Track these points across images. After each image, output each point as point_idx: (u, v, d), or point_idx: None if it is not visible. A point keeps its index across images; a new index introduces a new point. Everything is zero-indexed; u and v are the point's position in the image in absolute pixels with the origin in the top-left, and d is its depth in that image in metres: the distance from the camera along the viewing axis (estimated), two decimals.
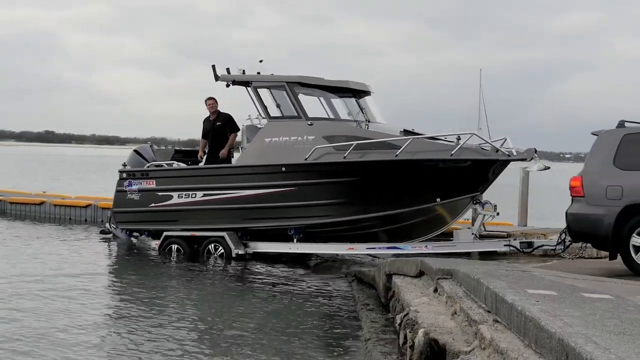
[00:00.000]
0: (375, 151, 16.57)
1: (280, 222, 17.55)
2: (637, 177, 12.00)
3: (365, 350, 9.83)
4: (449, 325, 7.99)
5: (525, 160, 16.46)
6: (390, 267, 12.28)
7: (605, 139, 12.65)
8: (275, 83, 17.88)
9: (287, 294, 13.93)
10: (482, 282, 8.01)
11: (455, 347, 7.18)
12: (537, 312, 6.26)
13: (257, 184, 17.52)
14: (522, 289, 7.68)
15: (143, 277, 15.51)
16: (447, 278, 9.77)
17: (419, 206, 16.82)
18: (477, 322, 7.29)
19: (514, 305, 6.63)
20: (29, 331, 10.52)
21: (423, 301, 9.48)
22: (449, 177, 16.38)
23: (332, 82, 18.28)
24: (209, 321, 11.66)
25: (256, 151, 17.79)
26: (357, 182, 16.73)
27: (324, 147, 16.82)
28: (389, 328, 10.75)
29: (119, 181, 19.19)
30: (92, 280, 14.82)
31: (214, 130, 18.77)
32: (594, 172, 12.59)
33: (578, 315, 6.41)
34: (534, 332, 5.98)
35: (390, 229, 17.49)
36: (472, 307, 8.00)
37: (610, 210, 12.03)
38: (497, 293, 7.31)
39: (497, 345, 6.41)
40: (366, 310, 12.26)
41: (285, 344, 10.28)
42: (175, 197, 18.37)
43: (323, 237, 17.63)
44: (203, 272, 16.22)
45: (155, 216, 18.76)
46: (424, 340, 7.61)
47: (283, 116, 17.80)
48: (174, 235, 18.34)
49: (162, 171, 19.01)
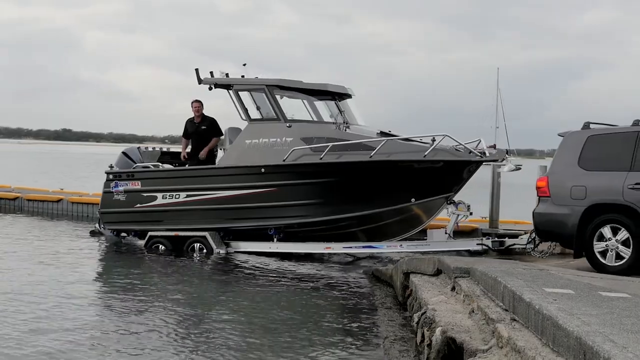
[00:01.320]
0: (350, 152, 16.88)
1: (260, 222, 17.95)
2: (601, 177, 12.41)
3: (382, 349, 9.86)
4: (466, 323, 8.01)
5: (497, 161, 16.88)
6: (407, 266, 12.31)
7: (571, 140, 13.10)
8: (255, 86, 18.23)
9: (305, 291, 13.96)
10: (500, 280, 8.03)
11: (473, 346, 7.20)
12: (555, 310, 6.28)
13: (238, 185, 17.92)
14: (540, 288, 7.69)
15: (184, 282, 15.57)
16: (464, 276, 9.79)
17: (394, 206, 17.21)
18: (495, 320, 7.31)
19: (532, 304, 6.65)
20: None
21: (440, 299, 9.50)
22: (423, 177, 16.69)
23: (311, 85, 18.64)
24: (230, 315, 11.70)
25: (237, 152, 18.19)
26: (334, 182, 17.10)
27: (301, 149, 17.18)
28: (406, 326, 10.78)
29: (106, 182, 19.65)
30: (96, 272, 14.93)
31: (198, 133, 19.18)
32: (560, 172, 13.05)
33: (595, 313, 6.42)
34: (552, 330, 5.99)
35: (368, 229, 17.87)
36: (490, 305, 8.02)
37: (575, 210, 12.50)
38: (514, 291, 7.32)
39: (514, 343, 6.42)
40: (383, 309, 12.29)
41: (303, 340, 10.31)
42: (159, 197, 18.80)
43: (303, 237, 17.98)
44: (218, 269, 16.25)
45: (140, 216, 19.17)
46: (442, 339, 7.63)
47: (263, 118, 18.11)
48: (158, 235, 18.76)
49: (147, 172, 19.43)
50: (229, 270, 16.14)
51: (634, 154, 12.18)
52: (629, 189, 11.95)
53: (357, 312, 12.36)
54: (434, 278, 11.16)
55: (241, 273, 15.85)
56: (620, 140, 12.54)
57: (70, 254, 17.68)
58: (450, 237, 17.23)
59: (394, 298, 13.07)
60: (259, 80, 18.30)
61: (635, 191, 11.89)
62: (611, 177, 12.27)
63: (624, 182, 12.02)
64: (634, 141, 12.25)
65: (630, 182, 11.97)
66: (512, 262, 12.78)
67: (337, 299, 13.36)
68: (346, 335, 10.69)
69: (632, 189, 11.92)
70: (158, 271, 16.03)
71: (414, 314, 10.08)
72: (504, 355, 6.59)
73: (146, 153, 20.75)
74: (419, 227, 17.95)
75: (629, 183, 11.98)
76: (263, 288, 14.33)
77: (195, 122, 19.21)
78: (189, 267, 16.57)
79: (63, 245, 19.06)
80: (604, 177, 12.39)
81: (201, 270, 16.33)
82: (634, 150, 12.20)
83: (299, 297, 13.45)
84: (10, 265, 15.77)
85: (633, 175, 12.02)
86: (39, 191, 28.67)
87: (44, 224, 23.61)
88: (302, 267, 16.61)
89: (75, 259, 16.99)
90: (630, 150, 12.23)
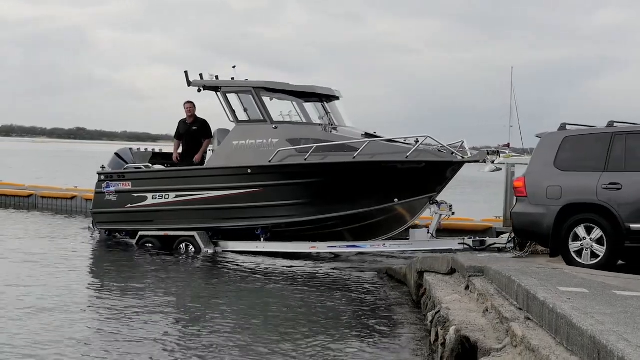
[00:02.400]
0: (334, 153, 17.10)
1: (247, 222, 18.15)
2: (575, 177, 12.66)
3: (396, 347, 9.89)
4: (480, 322, 8.02)
5: (479, 162, 17.19)
6: (421, 265, 12.33)
7: (548, 141, 13.34)
8: (243, 88, 18.44)
9: (319, 290, 13.99)
10: (514, 279, 8.04)
11: (487, 345, 7.22)
12: (569, 309, 6.28)
13: (226, 185, 18.14)
14: (554, 287, 7.70)
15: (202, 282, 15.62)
16: (478, 275, 9.81)
17: (378, 206, 17.40)
18: (509, 319, 7.32)
19: (546, 303, 6.66)
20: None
21: (454, 298, 9.52)
22: (406, 178, 16.87)
23: (298, 87, 18.93)
24: (243, 314, 11.74)
25: (225, 154, 18.44)
26: (318, 183, 17.32)
27: (287, 150, 17.42)
28: (420, 325, 10.80)
29: (98, 183, 19.94)
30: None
31: (189, 134, 19.41)
32: (536, 173, 13.27)
33: (609, 312, 6.43)
34: (566, 329, 6.01)
35: (353, 228, 18.05)
36: (504, 304, 8.03)
37: (550, 209, 12.72)
38: (528, 290, 7.33)
39: (528, 342, 6.44)
40: (398, 307, 12.32)
41: (316, 339, 10.34)
42: (150, 198, 19.06)
43: (290, 237, 18.15)
44: (233, 269, 16.29)
45: (131, 216, 19.42)
46: (456, 338, 7.65)
47: (250, 120, 18.31)
48: (148, 235, 19.01)
49: (138, 173, 19.72)
50: (239, 271, 16.17)
51: (608, 154, 12.44)
52: (602, 189, 12.20)
53: (371, 311, 12.38)
54: (448, 277, 11.18)
55: (251, 275, 15.88)
56: (595, 141, 12.81)
57: (69, 252, 17.84)
58: (432, 237, 17.44)
59: (408, 297, 13.09)
60: (246, 82, 18.55)
61: (608, 191, 12.15)
62: (586, 177, 12.52)
63: (597, 182, 12.27)
64: (609, 142, 12.51)
65: (604, 182, 12.22)
66: (526, 261, 12.80)
67: (351, 298, 13.39)
68: (360, 334, 10.72)
69: (605, 189, 12.17)
70: (171, 276, 16.08)
71: (428, 312, 10.10)
72: (518, 354, 6.61)
73: (138, 154, 21.09)
74: (403, 227, 18.16)
75: (602, 183, 12.23)
76: (275, 288, 14.37)
77: (187, 123, 19.49)
78: (196, 269, 16.61)
79: (69, 243, 19.25)
80: (578, 177, 12.65)
81: (208, 271, 16.34)
82: (608, 150, 12.46)
83: (312, 296, 13.47)
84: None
85: (607, 175, 12.27)
86: (53, 189, 28.80)
87: (54, 221, 23.70)
88: (312, 267, 16.65)
89: (72, 257, 17.18)
90: (604, 151, 12.49)
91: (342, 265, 16.97)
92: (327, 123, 18.57)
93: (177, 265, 16.78)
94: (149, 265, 16.60)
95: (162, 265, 16.60)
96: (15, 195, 27.96)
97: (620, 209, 12.02)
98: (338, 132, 18.03)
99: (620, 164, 12.30)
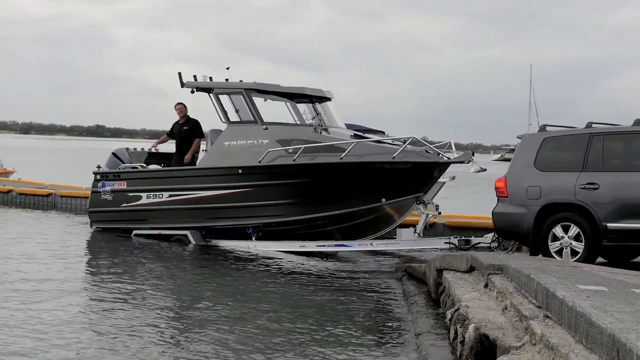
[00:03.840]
0: (323, 154, 17.46)
1: (238, 221, 18.55)
2: (554, 177, 13.03)
3: (415, 345, 9.91)
4: (499, 320, 8.03)
5: (464, 163, 17.31)
6: (441, 263, 12.34)
7: (528, 142, 13.77)
8: (234, 90, 18.80)
9: (338, 288, 14.03)
10: (533, 277, 8.04)
11: (506, 343, 7.23)
12: (588, 307, 6.29)
13: (217, 185, 18.58)
14: (573, 285, 7.70)
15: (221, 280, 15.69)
16: (497, 273, 9.82)
17: (365, 206, 17.64)
18: (528, 317, 7.33)
19: (565, 301, 6.66)
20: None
21: (473, 296, 9.53)
22: (393, 178, 17.14)
23: (289, 88, 19.34)
24: (264, 313, 11.77)
25: (217, 154, 18.88)
26: (307, 183, 17.64)
27: (276, 150, 17.80)
28: (439, 323, 10.81)
29: (94, 182, 20.51)
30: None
31: (181, 133, 19.98)
32: (517, 173, 13.62)
33: (629, 311, 6.43)
34: (585, 327, 6.01)
35: (342, 228, 18.24)
36: (523, 302, 8.04)
37: (530, 209, 13.10)
38: (547, 288, 7.34)
39: (547, 340, 6.44)
40: (416, 305, 12.33)
41: (335, 337, 10.37)
42: (144, 197, 19.56)
43: (280, 236, 18.39)
44: (248, 268, 16.33)
45: (126, 215, 19.95)
46: (475, 336, 7.67)
47: (241, 121, 18.71)
48: (142, 234, 19.43)
49: (133, 173, 20.23)
50: (253, 267, 16.25)
51: (586, 155, 12.78)
52: (580, 189, 12.57)
53: (390, 308, 12.43)
54: (467, 275, 11.18)
55: (266, 271, 15.94)
56: (573, 141, 13.18)
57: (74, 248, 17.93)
58: (419, 236, 17.67)
59: (427, 294, 13.11)
60: (237, 84, 18.89)
61: (586, 191, 12.50)
62: (564, 178, 12.88)
63: (575, 182, 12.63)
64: (586, 143, 12.84)
65: (582, 182, 12.58)
66: (545, 259, 12.80)
67: (370, 296, 13.44)
68: (379, 332, 10.76)
69: (583, 189, 12.54)
70: (185, 273, 16.15)
71: (447, 310, 10.12)
72: (537, 352, 6.61)
73: (134, 154, 21.55)
74: (392, 226, 18.36)
75: (580, 183, 12.59)
76: (293, 286, 14.41)
77: (179, 123, 20.04)
78: (206, 263, 16.67)
79: (80, 240, 19.35)
80: (557, 177, 13.01)
81: (222, 266, 16.39)
82: (586, 151, 12.80)
83: (330, 294, 13.52)
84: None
85: (584, 175, 12.63)
86: (72, 187, 28.82)
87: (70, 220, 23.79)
88: (329, 265, 16.72)
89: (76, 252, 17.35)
90: (582, 152, 12.85)
91: (361, 263, 17.05)
92: (317, 124, 18.84)
93: (210, 261, 16.83)
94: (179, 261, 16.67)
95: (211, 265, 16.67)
96: (34, 195, 28.00)
97: (597, 208, 12.40)
98: (329, 133, 18.33)
99: (598, 164, 12.69)
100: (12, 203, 27.76)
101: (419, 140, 17.38)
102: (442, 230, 19.99)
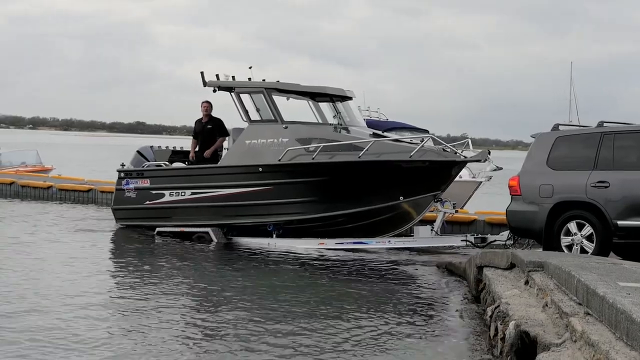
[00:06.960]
0: (341, 153, 17.71)
1: (258, 218, 18.84)
2: (567, 176, 13.29)
3: (456, 342, 9.96)
4: (539, 317, 8.06)
5: (480, 162, 17.79)
6: (481, 260, 12.37)
7: (541, 141, 13.98)
8: (255, 89, 18.95)
9: (380, 283, 14.11)
10: (573, 274, 8.05)
11: (546, 340, 7.25)
12: (629, 304, 6.29)
13: (238, 183, 18.79)
14: (613, 282, 7.70)
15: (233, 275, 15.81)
16: (538, 270, 9.83)
17: (384, 204, 17.87)
18: (568, 314, 7.34)
19: (605, 298, 6.67)
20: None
21: (514, 293, 9.55)
22: (410, 177, 17.37)
23: (309, 87, 19.51)
24: (309, 304, 11.85)
25: (238, 152, 19.09)
26: (326, 181, 17.88)
27: (296, 149, 18.01)
28: (479, 320, 10.86)
29: (118, 180, 20.83)
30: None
31: (205, 132, 20.09)
32: (530, 172, 13.90)
33: None
34: (625, 324, 6.03)
35: (361, 225, 18.42)
36: (563, 299, 8.05)
37: (543, 207, 13.39)
38: (588, 285, 7.35)
39: (588, 337, 6.46)
40: (457, 302, 12.38)
41: (373, 331, 10.43)
42: (167, 195, 19.80)
43: (301, 233, 18.65)
44: (290, 265, 16.44)
45: (149, 213, 20.19)
46: (515, 333, 7.70)
47: (262, 120, 18.85)
48: (165, 231, 19.64)
49: (156, 171, 20.50)
50: (289, 263, 16.36)
51: (598, 153, 13.02)
52: (591, 187, 12.83)
53: (430, 304, 12.47)
54: (507, 272, 11.19)
55: (314, 266, 16.03)
56: (584, 140, 13.44)
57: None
58: (436, 234, 17.94)
59: (468, 292, 13.15)
60: (258, 83, 19.03)
61: (597, 189, 12.76)
62: (576, 176, 13.13)
63: (587, 181, 12.88)
64: (598, 141, 13.08)
65: (593, 180, 12.83)
66: (585, 256, 12.79)
67: (411, 292, 13.49)
68: (418, 328, 10.80)
69: (594, 187, 12.80)
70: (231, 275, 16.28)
71: (487, 307, 10.16)
72: (577, 349, 6.63)
73: (159, 152, 21.80)
74: (410, 224, 18.51)
75: (591, 181, 12.85)
76: (337, 279, 14.49)
77: (203, 122, 20.14)
78: (237, 261, 16.77)
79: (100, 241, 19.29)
80: (569, 175, 13.26)
81: (257, 263, 16.52)
82: (598, 150, 13.04)
83: (370, 289, 13.59)
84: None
85: (596, 173, 12.87)
86: (112, 183, 29.07)
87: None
88: (372, 260, 16.80)
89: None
90: (594, 150, 13.09)
91: (402, 259, 17.07)
92: (337, 123, 19.09)
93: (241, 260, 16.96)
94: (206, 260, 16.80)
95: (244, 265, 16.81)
96: (75, 190, 28.36)
97: (608, 206, 12.64)
98: (349, 132, 18.57)
99: (609, 163, 12.91)
100: (53, 198, 28.24)
101: (436, 138, 17.76)
102: (482, 227, 20.08)
